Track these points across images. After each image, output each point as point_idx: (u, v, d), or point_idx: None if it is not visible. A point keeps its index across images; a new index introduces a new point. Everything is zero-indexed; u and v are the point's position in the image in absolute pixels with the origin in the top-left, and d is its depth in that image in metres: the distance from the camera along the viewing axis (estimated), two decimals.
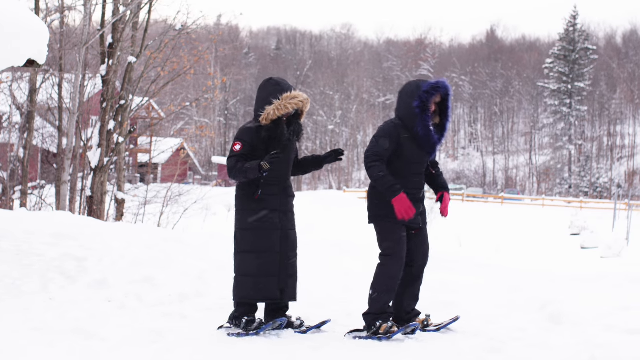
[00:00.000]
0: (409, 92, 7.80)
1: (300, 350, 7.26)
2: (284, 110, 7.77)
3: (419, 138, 7.75)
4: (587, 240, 34.73)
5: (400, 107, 7.86)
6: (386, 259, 7.79)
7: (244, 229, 7.88)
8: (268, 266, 7.80)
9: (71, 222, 13.90)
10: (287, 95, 7.81)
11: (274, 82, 7.96)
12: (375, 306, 7.76)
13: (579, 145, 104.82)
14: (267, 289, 7.80)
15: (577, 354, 7.21)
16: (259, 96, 7.95)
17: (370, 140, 7.82)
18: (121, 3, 21.65)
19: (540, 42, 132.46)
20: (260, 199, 7.84)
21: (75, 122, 20.13)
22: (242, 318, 7.84)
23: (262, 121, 7.80)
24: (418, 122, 7.71)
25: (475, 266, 13.70)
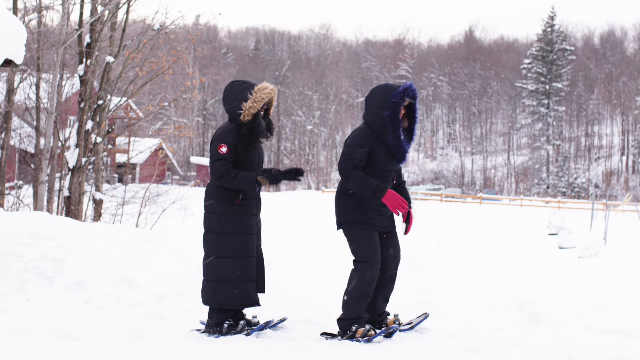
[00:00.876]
0: (378, 101, 7.74)
1: (280, 350, 7.25)
2: (260, 102, 7.82)
3: (390, 147, 7.72)
4: (565, 240, 34.81)
5: (370, 115, 7.80)
6: (362, 266, 7.73)
7: (224, 233, 7.81)
8: (249, 272, 7.83)
9: (49, 223, 13.83)
10: (259, 87, 7.88)
11: (240, 82, 8.04)
12: (351, 312, 7.72)
13: (557, 145, 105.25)
14: (249, 295, 7.83)
15: (555, 353, 7.23)
16: (231, 98, 7.94)
17: (343, 152, 7.75)
18: (99, 3, 21.57)
19: (518, 43, 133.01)
20: (241, 204, 7.85)
21: (53, 122, 20.04)
22: (223, 324, 7.81)
23: (243, 119, 7.81)
24: (389, 132, 7.67)
25: (454, 266, 13.74)
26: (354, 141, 7.73)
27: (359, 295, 7.68)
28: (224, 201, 7.83)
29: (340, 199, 7.87)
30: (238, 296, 7.77)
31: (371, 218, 7.76)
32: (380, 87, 7.84)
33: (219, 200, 7.85)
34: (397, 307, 9.04)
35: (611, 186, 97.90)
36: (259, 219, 8.12)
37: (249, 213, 7.91)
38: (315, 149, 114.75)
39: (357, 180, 7.57)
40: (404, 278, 11.04)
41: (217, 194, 7.87)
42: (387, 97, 7.68)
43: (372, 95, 7.84)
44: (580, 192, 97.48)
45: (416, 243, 27.72)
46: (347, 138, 7.88)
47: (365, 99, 7.95)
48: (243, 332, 7.81)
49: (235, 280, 7.77)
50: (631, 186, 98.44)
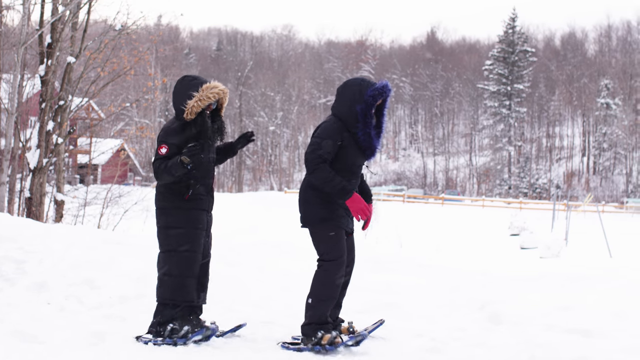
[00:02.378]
0: (352, 94, 7.48)
1: (243, 352, 7.25)
2: (206, 100, 7.54)
3: (359, 142, 7.47)
4: (526, 240, 35.06)
5: (341, 107, 7.51)
6: (328, 265, 7.40)
7: (170, 227, 7.61)
8: (191, 267, 7.58)
9: (10, 224, 13.73)
10: (207, 85, 7.61)
11: (190, 77, 7.79)
12: (316, 316, 7.37)
13: (519, 146, 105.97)
14: (187, 291, 7.58)
15: (517, 353, 7.28)
16: (177, 93, 7.70)
17: (311, 142, 7.44)
18: (60, 3, 21.44)
19: (480, 44, 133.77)
20: (191, 199, 7.62)
21: (13, 122, 19.89)
22: (166, 325, 7.58)
23: (185, 117, 7.55)
24: (360, 126, 7.43)
25: (417, 266, 13.76)
26: (325, 132, 7.42)
27: (324, 297, 7.38)
28: (171, 195, 7.62)
29: (306, 194, 7.53)
30: (178, 291, 7.53)
31: (340, 216, 7.46)
32: (356, 80, 7.60)
33: (167, 195, 7.65)
34: (360, 308, 9.06)
35: (572, 187, 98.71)
36: (209, 215, 7.89)
37: (199, 207, 7.67)
38: (277, 149, 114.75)
39: (323, 176, 7.28)
40: (367, 278, 11.07)
41: (165, 189, 7.67)
42: (363, 92, 7.44)
43: (346, 88, 7.57)
44: (541, 193, 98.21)
45: (378, 243, 27.78)
46: (316, 129, 7.58)
47: (338, 90, 7.67)
48: (185, 337, 7.49)
49: (177, 274, 7.54)
50: (592, 186, 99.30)
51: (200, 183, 7.70)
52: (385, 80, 7.62)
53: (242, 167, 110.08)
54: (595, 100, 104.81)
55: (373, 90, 7.44)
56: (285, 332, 8.02)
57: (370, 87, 7.49)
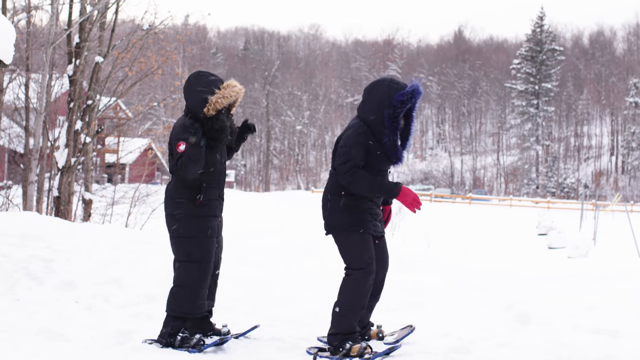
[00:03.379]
0: (380, 97, 7.12)
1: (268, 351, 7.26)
2: (229, 98, 7.31)
3: (385, 148, 7.11)
4: (554, 240, 34.93)
5: (368, 111, 7.16)
6: (357, 273, 7.08)
7: (182, 236, 7.36)
8: (203, 278, 7.34)
9: (38, 223, 13.80)
10: (228, 83, 7.40)
11: (208, 73, 7.51)
12: (344, 325, 7.08)
13: (546, 145, 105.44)
14: (199, 303, 7.35)
15: (544, 353, 7.25)
16: (194, 90, 7.38)
17: (340, 152, 7.05)
18: (88, 3, 21.54)
19: (507, 43, 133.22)
20: (202, 204, 7.34)
21: (42, 122, 20.01)
22: (176, 335, 7.32)
23: (206, 111, 7.25)
24: (386, 132, 7.09)
25: (443, 266, 13.72)
26: (351, 140, 7.05)
27: (353, 307, 7.09)
28: (184, 202, 7.35)
29: (331, 200, 7.21)
30: (191, 303, 7.30)
31: (366, 221, 7.14)
32: (384, 82, 7.22)
33: (178, 201, 7.38)
34: (386, 307, 9.04)
35: (600, 186, 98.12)
36: (219, 220, 7.60)
37: (211, 214, 7.39)
38: (304, 149, 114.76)
39: (365, 181, 6.94)
40: (393, 278, 11.06)
41: (177, 194, 7.40)
42: (391, 96, 7.08)
43: (374, 89, 7.21)
44: (569, 192, 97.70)
45: (405, 243, 27.74)
46: (342, 136, 7.22)
47: (366, 90, 7.30)
48: (197, 346, 7.25)
49: (188, 285, 7.30)
50: (620, 186, 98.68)
51: (213, 186, 7.44)
52: (416, 82, 7.19)
53: (269, 167, 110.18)
54: (624, 99, 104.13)
55: (402, 95, 7.08)
56: (310, 332, 8.01)
57: (400, 90, 7.12)
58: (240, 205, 45.79)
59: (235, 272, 10.62)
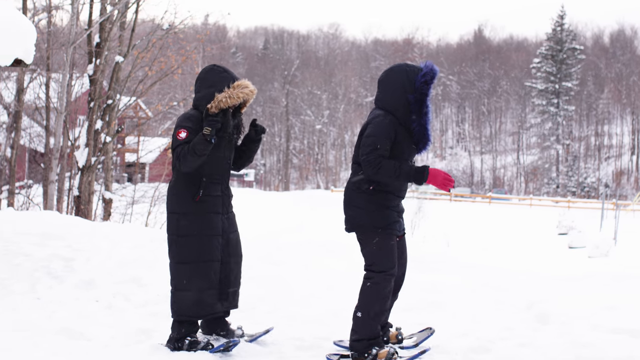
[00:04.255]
0: (401, 82, 6.89)
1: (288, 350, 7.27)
2: (235, 99, 7.10)
3: (414, 134, 6.88)
4: (574, 239, 34.77)
5: (389, 99, 6.90)
6: (379, 277, 6.84)
7: (181, 235, 7.07)
8: (209, 278, 7.07)
9: (59, 222, 13.87)
10: (239, 83, 7.18)
11: (221, 69, 7.29)
12: (367, 331, 6.84)
13: (567, 144, 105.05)
14: (210, 304, 7.09)
15: (563, 352, 7.24)
16: (204, 83, 7.23)
17: (366, 142, 6.75)
18: (108, 2, 21.62)
19: (527, 42, 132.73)
20: (201, 201, 7.08)
21: (62, 121, 20.09)
22: (184, 339, 7.10)
23: (210, 108, 7.05)
24: (415, 118, 6.84)
25: (463, 266, 13.70)
26: (377, 129, 6.76)
27: (375, 311, 6.85)
28: (181, 198, 7.12)
29: (356, 199, 6.93)
30: (197, 306, 7.05)
31: (393, 221, 6.92)
32: (400, 67, 6.97)
33: (177, 197, 7.14)
34: (405, 306, 9.04)
35: (621, 185, 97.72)
36: (227, 217, 7.31)
37: (212, 211, 7.12)
38: (324, 148, 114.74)
39: (391, 169, 6.65)
40: (412, 277, 11.05)
41: (176, 190, 7.15)
42: (412, 79, 6.86)
43: (391, 76, 6.97)
44: (589, 192, 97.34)
45: (425, 242, 27.70)
46: (366, 126, 6.93)
47: (381, 80, 7.03)
48: (206, 349, 7.07)
49: (192, 287, 7.03)
50: None
51: (215, 182, 7.21)
52: (429, 62, 6.95)
53: (288, 166, 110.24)
54: None
55: (424, 76, 6.85)
56: (330, 331, 8.01)
57: (417, 73, 6.90)
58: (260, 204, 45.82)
59: (256, 272, 10.63)
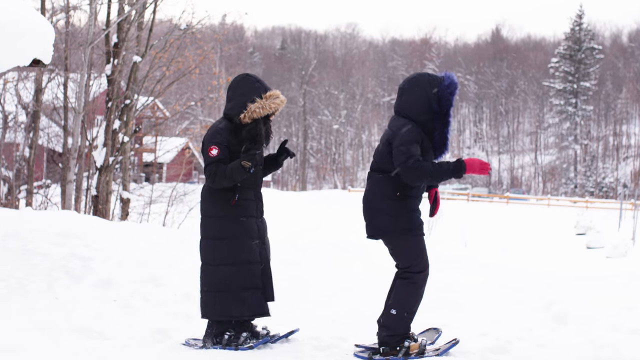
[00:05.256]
0: (424, 92, 7.08)
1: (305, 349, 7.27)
2: (267, 110, 7.30)
3: (434, 142, 7.11)
4: (592, 240, 34.63)
5: (413, 107, 7.08)
6: (417, 277, 7.08)
7: (218, 238, 7.28)
8: (251, 279, 7.25)
9: (77, 222, 13.91)
10: (271, 94, 7.38)
11: (254, 78, 7.46)
12: (401, 327, 7.06)
13: (585, 144, 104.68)
14: (255, 304, 7.26)
15: (582, 353, 7.21)
16: (237, 92, 7.40)
17: (399, 151, 6.88)
18: (126, 3, 21.67)
19: (545, 42, 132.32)
20: (237, 205, 7.28)
21: (80, 121, 20.15)
22: (223, 335, 7.28)
23: (242, 118, 7.27)
24: (437, 127, 7.08)
25: (481, 266, 13.68)
26: (407, 138, 6.92)
27: (411, 309, 7.10)
28: (217, 202, 7.32)
29: (383, 205, 7.09)
30: (239, 306, 7.21)
31: (420, 223, 7.13)
32: (422, 77, 7.16)
33: (213, 201, 7.36)
34: (422, 306, 9.02)
35: (639, 185, 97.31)
36: (260, 221, 7.53)
37: (247, 214, 7.33)
38: (341, 148, 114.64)
39: (431, 170, 6.83)
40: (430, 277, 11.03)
41: (211, 195, 7.38)
42: (435, 89, 7.09)
43: (414, 86, 7.15)
44: (608, 192, 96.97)
45: (442, 242, 27.67)
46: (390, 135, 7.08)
47: (403, 88, 7.23)
48: (245, 344, 7.25)
49: (235, 289, 7.21)
50: None
51: (248, 187, 7.39)
52: (449, 73, 7.18)
53: (305, 166, 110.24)
54: None
55: (448, 87, 7.09)
56: (348, 331, 8.01)
57: (439, 83, 7.11)
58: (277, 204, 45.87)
59: (274, 272, 10.63)
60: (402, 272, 7.16)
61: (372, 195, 7.18)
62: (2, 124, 30.05)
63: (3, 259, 10.59)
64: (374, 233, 7.19)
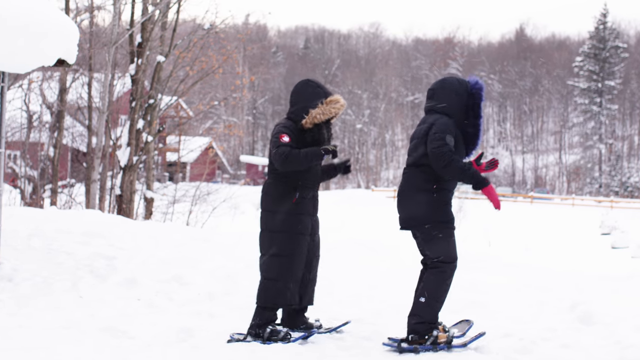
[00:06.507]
0: (456, 91, 7.44)
1: (330, 349, 7.25)
2: (328, 114, 7.66)
3: (467, 137, 7.48)
4: (617, 240, 34.51)
5: (447, 105, 7.42)
6: (447, 266, 7.34)
7: (275, 231, 7.61)
8: (294, 271, 7.58)
9: (101, 221, 13.96)
10: (331, 99, 7.73)
11: (315, 84, 7.83)
12: (430, 315, 7.30)
13: (610, 144, 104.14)
14: (289, 295, 7.57)
15: (607, 354, 7.17)
16: (299, 98, 7.77)
17: (434, 137, 7.18)
18: (150, 3, 21.72)
19: (570, 41, 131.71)
20: (297, 202, 7.64)
21: (104, 121, 20.22)
22: (265, 327, 7.56)
23: (304, 124, 7.64)
24: (470, 122, 7.46)
25: (505, 266, 13.65)
26: (444, 128, 7.25)
27: (439, 298, 7.33)
28: (279, 198, 7.64)
29: (419, 197, 7.36)
30: (280, 295, 7.53)
31: (453, 217, 7.44)
32: (452, 78, 7.63)
33: (274, 197, 7.67)
34: (445, 306, 9.00)
35: None
36: (315, 219, 7.92)
37: (305, 212, 7.69)
38: (364, 147, 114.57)
39: (459, 166, 7.11)
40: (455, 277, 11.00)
41: (273, 190, 7.68)
42: (464, 87, 7.50)
43: (446, 85, 7.53)
44: (633, 191, 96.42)
45: (465, 242, 27.61)
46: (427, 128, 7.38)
47: (434, 89, 7.59)
48: (285, 339, 7.52)
49: (281, 278, 7.53)
50: None
51: (308, 186, 7.74)
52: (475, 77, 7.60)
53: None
54: None
55: (476, 84, 7.51)
56: (371, 331, 8.00)
57: (467, 83, 7.54)
58: None
59: None
60: (432, 263, 7.39)
61: (407, 187, 7.46)
62: (27, 123, 30.21)
63: (28, 257, 10.65)
64: (407, 224, 7.47)
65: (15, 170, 28.89)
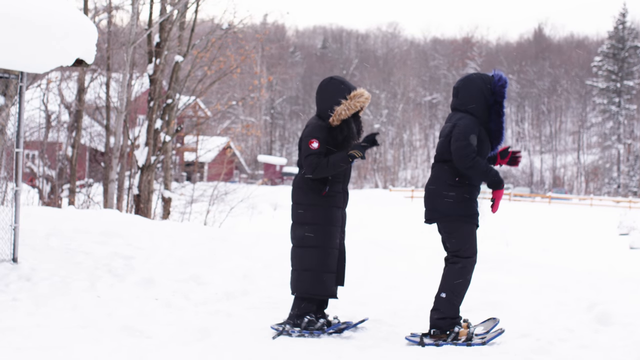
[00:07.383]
0: (480, 89, 7.65)
1: (347, 349, 7.25)
2: (353, 109, 7.80)
3: (491, 133, 7.68)
4: (636, 240, 34.35)
5: (471, 103, 7.64)
6: (466, 261, 7.56)
7: (307, 224, 7.85)
8: (330, 262, 7.81)
9: (119, 220, 13.99)
10: (355, 93, 7.84)
11: (338, 81, 7.97)
12: (451, 310, 7.51)
13: (628, 144, 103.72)
14: (327, 286, 7.82)
15: (625, 355, 7.14)
16: (324, 96, 7.95)
17: (458, 137, 7.43)
18: (168, 2, 21.77)
19: (588, 40, 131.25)
20: (328, 196, 7.86)
21: (122, 120, 20.27)
22: (303, 317, 7.82)
23: (331, 122, 7.81)
24: (493, 118, 7.65)
25: (522, 266, 13.60)
26: (468, 128, 7.49)
27: (459, 292, 7.54)
28: (310, 192, 7.85)
29: (445, 190, 7.59)
30: (317, 286, 7.78)
31: (476, 212, 7.66)
32: (475, 75, 7.80)
33: (305, 191, 7.88)
34: (463, 306, 8.99)
35: None
36: (344, 212, 8.11)
37: (335, 205, 7.90)
38: (382, 147, 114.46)
39: (482, 167, 7.39)
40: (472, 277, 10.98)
41: (304, 184, 7.89)
42: (488, 85, 7.69)
43: (469, 83, 7.74)
44: None
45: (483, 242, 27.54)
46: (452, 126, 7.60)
47: (458, 87, 7.79)
48: (321, 330, 7.80)
49: (316, 269, 7.77)
50: None
51: (338, 181, 7.94)
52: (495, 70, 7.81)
53: None
54: None
55: (499, 81, 7.68)
56: (388, 332, 8.00)
57: (490, 80, 7.71)
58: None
59: None
60: (451, 257, 7.62)
61: (433, 181, 7.71)
62: (46, 123, 30.32)
63: (47, 257, 10.68)
64: (432, 217, 7.69)
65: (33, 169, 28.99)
